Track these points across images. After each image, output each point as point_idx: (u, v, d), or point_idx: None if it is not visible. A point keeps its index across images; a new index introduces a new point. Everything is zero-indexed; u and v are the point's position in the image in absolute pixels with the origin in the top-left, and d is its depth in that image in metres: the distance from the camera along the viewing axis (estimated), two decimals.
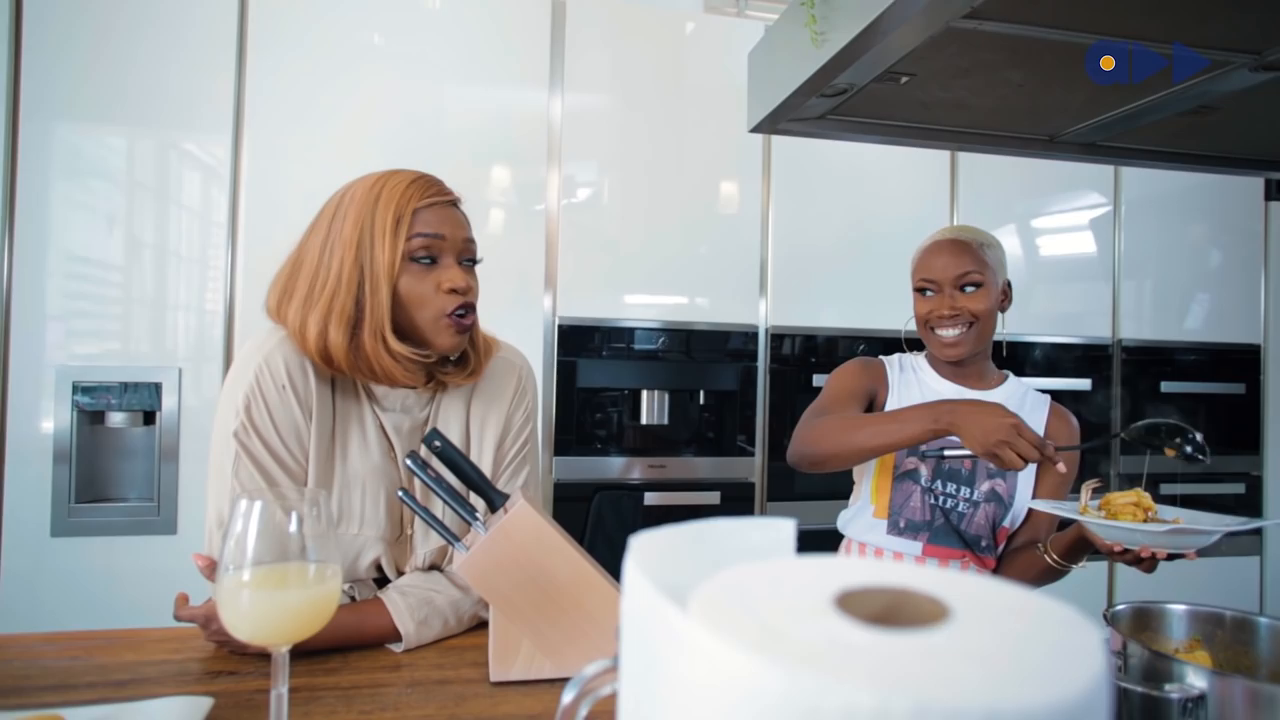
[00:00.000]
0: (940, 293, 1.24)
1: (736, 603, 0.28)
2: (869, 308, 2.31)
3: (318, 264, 0.91)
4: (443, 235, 0.92)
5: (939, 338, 1.25)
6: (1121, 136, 1.17)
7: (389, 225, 0.89)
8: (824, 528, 2.20)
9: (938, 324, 1.25)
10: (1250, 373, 2.63)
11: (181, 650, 0.89)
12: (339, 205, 0.92)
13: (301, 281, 0.91)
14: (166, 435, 1.82)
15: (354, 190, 0.93)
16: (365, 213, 0.90)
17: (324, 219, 0.94)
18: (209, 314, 1.89)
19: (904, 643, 0.24)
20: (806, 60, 0.91)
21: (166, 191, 1.87)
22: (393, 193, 0.90)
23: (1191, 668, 0.74)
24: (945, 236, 1.28)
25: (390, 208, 0.89)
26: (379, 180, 0.92)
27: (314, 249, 0.92)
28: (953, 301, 1.23)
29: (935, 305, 1.24)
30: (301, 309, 0.90)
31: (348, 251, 0.89)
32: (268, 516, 0.61)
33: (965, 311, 1.22)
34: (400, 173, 0.94)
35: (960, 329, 1.23)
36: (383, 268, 0.89)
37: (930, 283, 1.25)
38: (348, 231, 0.90)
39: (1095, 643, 0.25)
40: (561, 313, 2.08)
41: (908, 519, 1.25)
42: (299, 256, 0.94)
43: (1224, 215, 2.63)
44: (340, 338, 0.88)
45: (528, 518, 0.84)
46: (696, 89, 2.20)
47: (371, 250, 0.89)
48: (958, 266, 1.22)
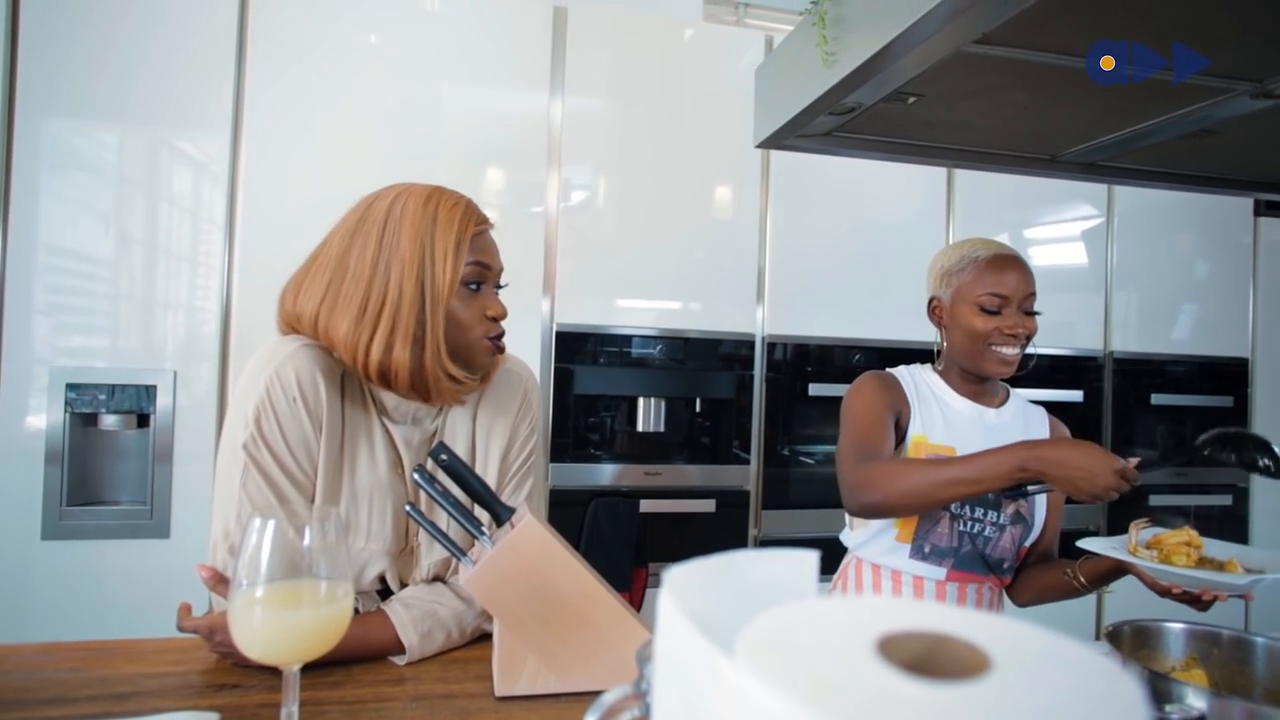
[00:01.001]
0: (1010, 309, 1.21)
1: (782, 649, 0.28)
2: (866, 316, 2.32)
3: (371, 277, 0.90)
4: (490, 265, 0.96)
5: (998, 354, 1.22)
6: (1120, 157, 1.19)
7: (451, 248, 0.90)
8: (818, 535, 2.23)
9: (1001, 341, 1.22)
10: (1238, 386, 2.66)
11: (183, 662, 0.89)
12: (388, 220, 0.91)
13: (350, 293, 0.90)
14: (160, 437, 1.81)
15: (403, 204, 0.92)
16: (424, 231, 0.90)
17: (373, 226, 0.92)
18: (204, 313, 1.87)
19: (950, 696, 0.25)
20: (816, 80, 0.92)
21: (157, 189, 1.86)
22: (450, 215, 0.92)
23: (1191, 689, 0.75)
24: (1006, 253, 1.24)
25: (451, 230, 0.91)
26: (429, 199, 0.92)
27: (363, 263, 0.90)
28: (1020, 320, 1.21)
29: (1005, 323, 1.21)
30: (357, 326, 0.89)
31: (408, 269, 0.89)
32: (280, 535, 0.61)
33: (1027, 330, 1.22)
34: (445, 193, 0.95)
35: (1018, 348, 1.22)
36: (443, 289, 0.90)
37: (1002, 299, 1.21)
38: (406, 248, 0.89)
39: (1136, 697, 0.25)
40: (559, 319, 2.08)
41: (933, 544, 1.22)
42: (340, 267, 0.92)
43: (1213, 228, 2.67)
44: (406, 356, 0.89)
45: (534, 532, 0.84)
46: (695, 95, 2.21)
47: (433, 270, 0.90)
48: (1028, 286, 1.22)
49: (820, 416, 2.28)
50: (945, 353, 1.31)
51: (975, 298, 1.22)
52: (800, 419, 2.27)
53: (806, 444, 2.29)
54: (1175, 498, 2.58)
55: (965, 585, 1.23)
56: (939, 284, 1.29)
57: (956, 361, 1.28)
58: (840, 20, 0.87)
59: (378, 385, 0.92)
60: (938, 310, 1.29)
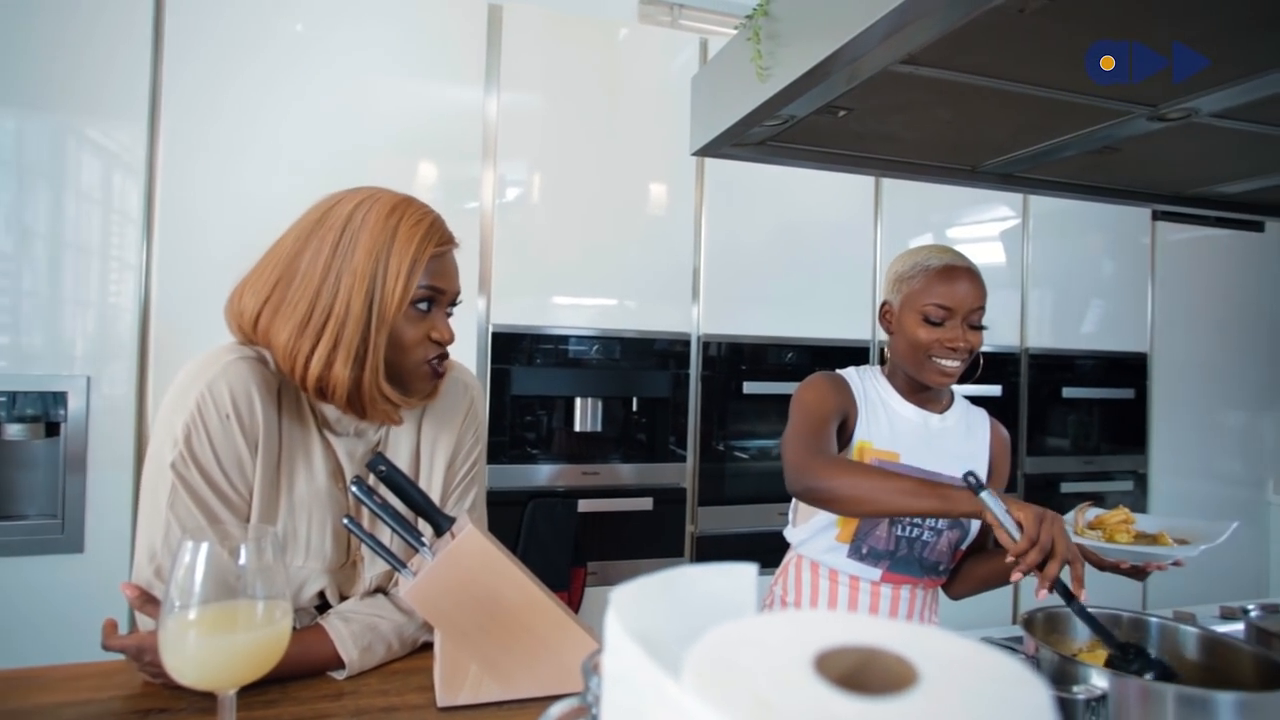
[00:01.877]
0: (954, 321, 1.20)
1: (725, 670, 0.30)
2: (798, 315, 2.38)
3: (319, 287, 0.86)
4: (444, 289, 0.92)
5: (937, 365, 1.21)
6: (1034, 169, 1.26)
7: (404, 268, 0.87)
8: (754, 530, 2.29)
9: (942, 354, 1.20)
10: (1139, 379, 2.85)
11: (104, 687, 0.85)
12: (347, 227, 0.88)
13: (296, 299, 0.87)
14: (72, 445, 1.71)
15: (365, 214, 0.88)
16: (380, 246, 0.87)
17: (325, 235, 0.88)
18: (119, 311, 1.78)
19: (882, 711, 0.27)
20: (751, 92, 0.94)
21: (64, 180, 1.75)
22: (411, 232, 0.88)
23: (1095, 670, 0.81)
24: (960, 264, 1.22)
25: (408, 249, 0.87)
26: (394, 211, 0.89)
27: (314, 268, 0.87)
28: (963, 334, 1.19)
29: (947, 336, 1.20)
30: (299, 335, 0.86)
31: (359, 283, 0.86)
32: (213, 556, 0.59)
33: (969, 345, 1.20)
34: (412, 207, 0.91)
35: (959, 361, 1.21)
36: (390, 308, 0.87)
37: (947, 311, 1.19)
38: (359, 261, 0.86)
39: (1044, 700, 0.28)
40: (495, 319, 2.07)
41: (871, 546, 1.25)
42: (290, 269, 0.88)
43: (1117, 230, 2.84)
44: (344, 373, 0.86)
45: (475, 543, 0.84)
46: (630, 95, 2.22)
47: (383, 288, 0.87)
48: (975, 300, 1.20)
49: (755, 414, 2.33)
50: (891, 358, 1.31)
51: (920, 306, 1.21)
52: (735, 416, 2.32)
53: (742, 439, 2.34)
54: (1083, 484, 2.74)
55: (899, 587, 1.27)
56: (891, 289, 1.28)
57: (901, 368, 1.28)
58: (774, 36, 0.90)
59: (314, 398, 0.90)
60: (888, 315, 1.29)
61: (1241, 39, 0.77)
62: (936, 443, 1.27)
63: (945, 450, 1.27)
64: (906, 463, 1.24)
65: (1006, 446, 1.35)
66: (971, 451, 1.30)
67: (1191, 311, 2.96)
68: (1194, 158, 1.15)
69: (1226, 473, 3.04)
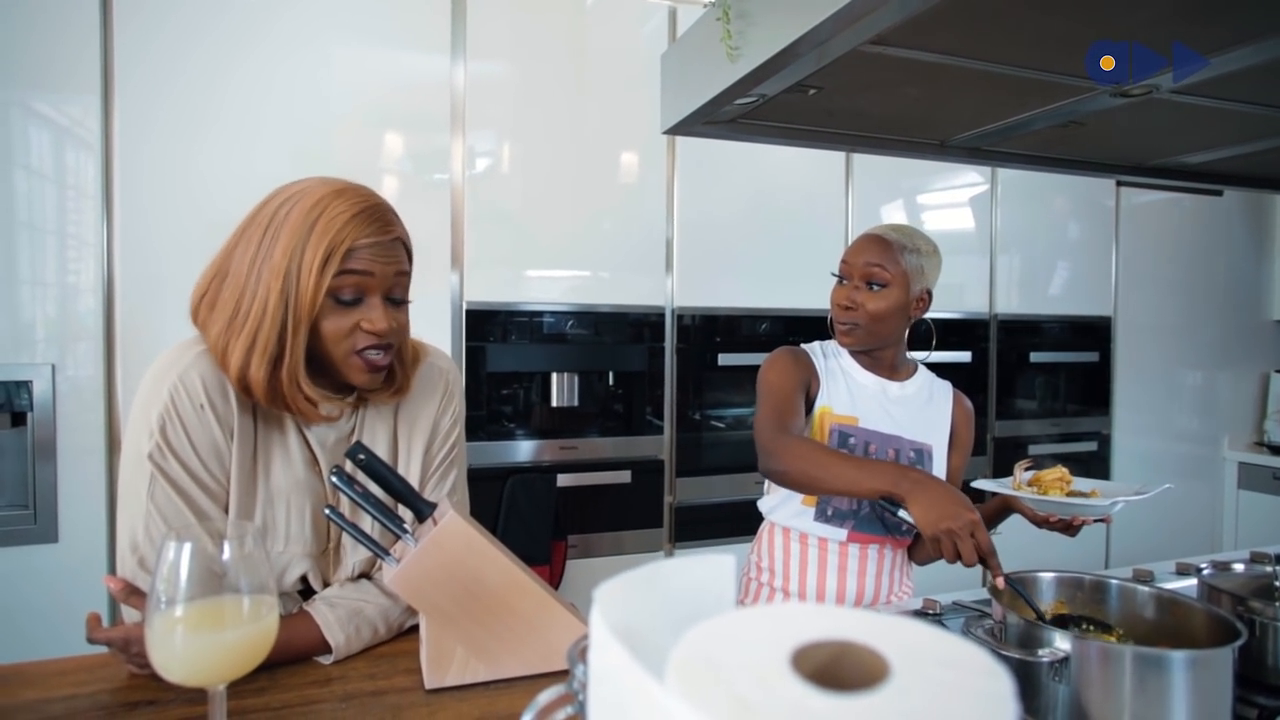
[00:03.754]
0: (851, 280, 1.28)
1: (706, 669, 0.31)
2: (771, 285, 2.39)
3: (244, 284, 0.86)
4: (372, 273, 0.87)
5: (836, 325, 1.31)
6: (1002, 143, 1.28)
7: (317, 261, 0.84)
8: (730, 500, 2.33)
9: (838, 313, 1.30)
10: (1103, 343, 2.92)
11: (89, 681, 0.85)
12: (270, 223, 0.86)
13: (227, 298, 0.87)
14: (40, 433, 1.68)
15: (292, 206, 0.86)
16: (297, 241, 0.84)
17: (257, 228, 0.87)
18: (79, 291, 1.73)
19: (855, 707, 0.28)
20: (721, 72, 0.94)
21: (12, 156, 1.69)
22: (329, 224, 0.85)
23: (1059, 633, 0.84)
24: (873, 230, 1.30)
25: (323, 242, 0.84)
26: (319, 203, 0.86)
27: (242, 264, 0.86)
28: (853, 294, 1.27)
29: (839, 294, 1.29)
30: (225, 331, 0.86)
31: (274, 281, 0.84)
32: (197, 553, 0.60)
33: (862, 308, 1.26)
34: (344, 196, 0.87)
35: (851, 323, 1.28)
36: (305, 307, 0.85)
37: (846, 265, 1.29)
38: (277, 258, 0.84)
39: (1007, 690, 0.30)
40: (469, 296, 2.05)
41: (835, 508, 1.30)
42: (224, 265, 0.88)
43: (1083, 193, 2.88)
44: (260, 373, 0.85)
45: (457, 528, 0.85)
46: (599, 62, 2.19)
47: (296, 285, 0.84)
48: (871, 259, 1.25)
49: (730, 384, 2.36)
50: None
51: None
52: (711, 387, 2.34)
53: (718, 409, 2.36)
54: (1050, 446, 2.82)
55: (866, 546, 1.32)
56: None
57: None
58: (744, 15, 0.89)
59: (240, 394, 0.88)
60: None
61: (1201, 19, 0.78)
62: (894, 408, 1.33)
63: (903, 416, 1.33)
64: (865, 426, 1.31)
65: (970, 417, 1.41)
66: (930, 418, 1.35)
67: (1153, 274, 3.03)
68: (1156, 131, 1.17)
69: (1185, 431, 3.15)
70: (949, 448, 1.37)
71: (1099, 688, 0.81)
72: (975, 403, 1.44)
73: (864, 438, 1.29)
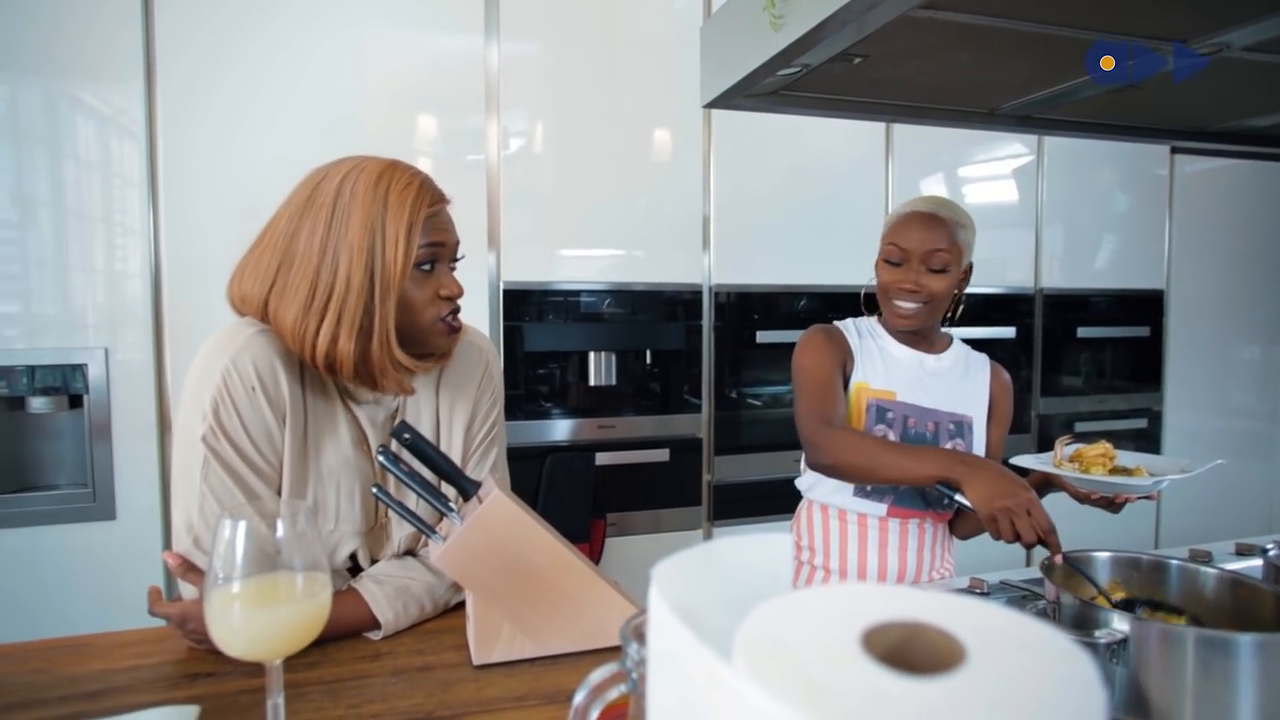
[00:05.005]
0: (908, 265, 1.25)
1: (775, 651, 0.30)
2: (810, 262, 2.35)
3: (319, 265, 0.87)
4: (444, 243, 0.93)
5: (896, 307, 1.28)
6: (1053, 110, 1.23)
7: (401, 233, 0.87)
8: (769, 478, 2.31)
9: (898, 295, 1.27)
10: (1155, 316, 2.82)
11: (152, 654, 0.88)
12: (337, 202, 0.87)
13: (298, 280, 0.87)
14: (96, 415, 1.74)
15: (353, 186, 0.88)
16: (374, 216, 0.87)
17: (318, 213, 0.88)
18: (127, 278, 1.77)
19: (933, 691, 0.27)
20: (764, 43, 0.92)
21: (60, 146, 1.73)
22: (402, 197, 0.88)
23: (1116, 614, 0.82)
24: (923, 208, 1.26)
25: (403, 213, 0.87)
26: (381, 179, 0.88)
27: (311, 246, 0.87)
28: (918, 277, 1.24)
29: (900, 277, 1.26)
30: (304, 315, 0.87)
31: (357, 257, 0.86)
32: (251, 532, 0.60)
33: (926, 290, 1.24)
34: (399, 169, 0.91)
35: (917, 305, 1.26)
36: (394, 276, 0.88)
37: (902, 252, 1.25)
38: (355, 234, 0.86)
39: (1091, 675, 0.28)
40: (506, 276, 2.06)
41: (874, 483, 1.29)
42: (288, 249, 0.89)
43: (1133, 163, 2.77)
44: (351, 348, 0.87)
45: (503, 507, 0.86)
46: (634, 37, 2.16)
47: (383, 257, 0.87)
48: (930, 243, 1.23)
49: (768, 361, 2.33)
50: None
51: (883, 249, 1.29)
52: (749, 365, 2.32)
53: (756, 387, 2.34)
54: (1098, 423, 2.75)
55: (906, 521, 1.31)
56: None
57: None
58: None
59: (324, 374, 0.91)
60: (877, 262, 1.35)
61: None
62: (931, 381, 1.32)
63: (940, 389, 1.32)
64: (903, 400, 1.29)
65: (1008, 389, 1.39)
66: (968, 390, 1.34)
67: (1209, 245, 2.91)
68: (1222, 92, 1.12)
69: (1240, 407, 3.04)
70: (988, 419, 1.35)
71: (1159, 671, 0.78)
72: (1020, 379, 1.42)
73: (902, 411, 1.27)
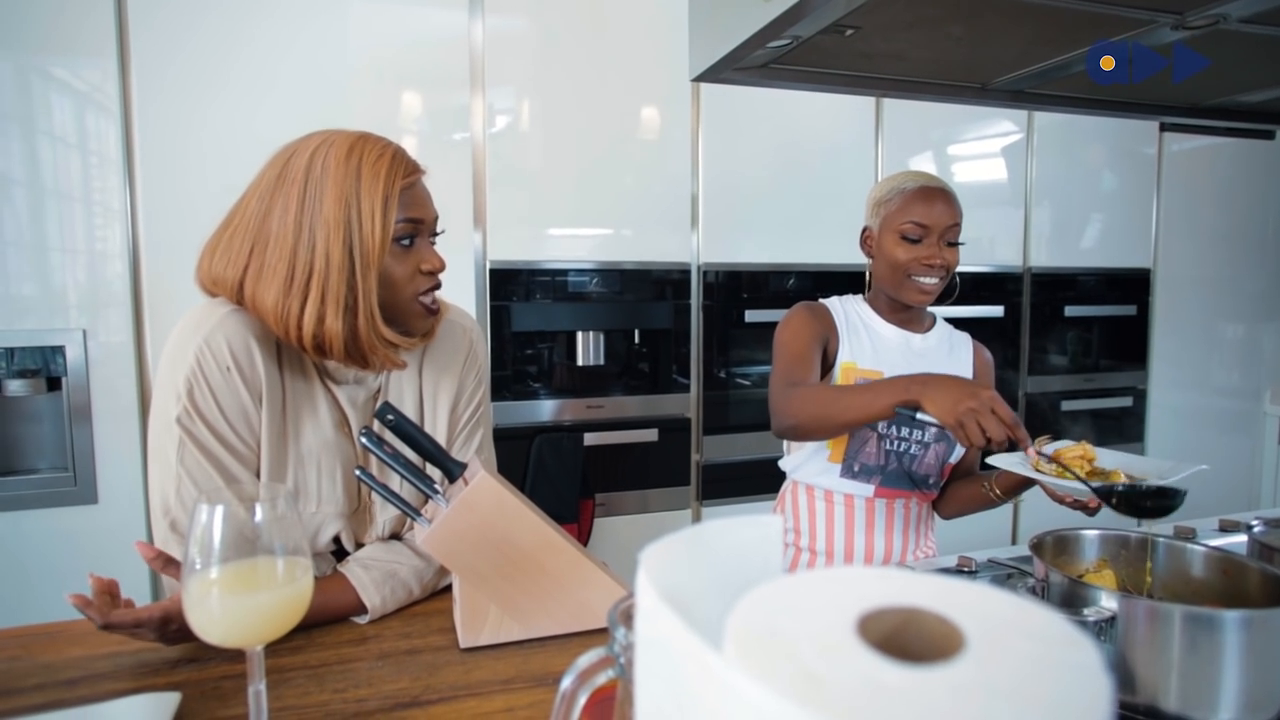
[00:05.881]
0: (930, 240, 1.24)
1: (768, 639, 0.29)
2: (798, 240, 2.34)
3: (295, 244, 0.84)
4: (422, 219, 0.90)
5: (917, 284, 1.26)
6: (1045, 85, 1.21)
7: (378, 206, 0.84)
8: (757, 458, 2.31)
9: (920, 271, 1.25)
10: (1141, 295, 2.83)
11: (133, 640, 0.86)
12: (309, 178, 0.85)
13: (274, 262, 0.85)
14: (75, 397, 1.70)
15: (324, 160, 0.85)
16: (348, 190, 0.84)
17: (290, 190, 0.85)
18: (106, 258, 1.74)
19: (932, 679, 0.26)
20: (753, 13, 0.89)
21: (34, 123, 1.68)
22: (375, 169, 0.85)
23: (1104, 592, 0.82)
24: (934, 184, 1.26)
25: (377, 186, 0.85)
26: (352, 151, 0.86)
27: (285, 225, 0.84)
28: (940, 251, 1.24)
29: (924, 253, 1.24)
30: (285, 296, 0.84)
31: (334, 233, 0.83)
32: (230, 517, 0.59)
33: (946, 264, 1.24)
34: (370, 142, 0.88)
35: (937, 279, 1.25)
36: (373, 251, 0.85)
37: (923, 228, 1.24)
38: (329, 210, 0.84)
39: (1095, 661, 0.27)
40: (492, 255, 2.03)
41: (862, 463, 1.29)
42: (261, 229, 0.86)
43: (1121, 141, 2.77)
44: (339, 326, 0.85)
45: (489, 488, 0.84)
46: (620, 13, 2.12)
47: (360, 232, 0.84)
48: (951, 217, 1.24)
49: (757, 341, 2.32)
50: (873, 282, 1.36)
51: (898, 226, 1.25)
52: (738, 345, 2.31)
53: (745, 366, 2.34)
54: (1083, 401, 2.76)
55: (893, 501, 1.31)
56: (871, 214, 1.33)
57: (882, 290, 1.32)
58: None
59: (313, 355, 0.88)
60: (869, 240, 1.33)
61: None
62: (918, 361, 1.31)
63: (926, 367, 1.31)
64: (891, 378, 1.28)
65: (989, 367, 1.40)
66: (952, 369, 1.33)
67: (1196, 224, 2.91)
68: (1215, 66, 1.10)
69: (1224, 385, 3.06)
70: None
71: (1147, 648, 0.79)
72: (1007, 358, 1.41)
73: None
